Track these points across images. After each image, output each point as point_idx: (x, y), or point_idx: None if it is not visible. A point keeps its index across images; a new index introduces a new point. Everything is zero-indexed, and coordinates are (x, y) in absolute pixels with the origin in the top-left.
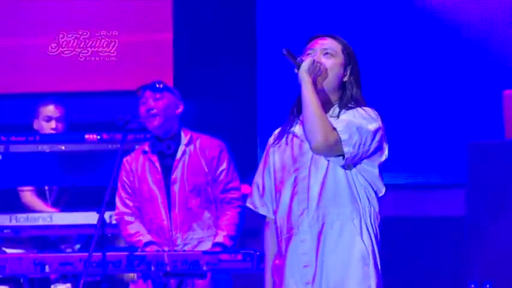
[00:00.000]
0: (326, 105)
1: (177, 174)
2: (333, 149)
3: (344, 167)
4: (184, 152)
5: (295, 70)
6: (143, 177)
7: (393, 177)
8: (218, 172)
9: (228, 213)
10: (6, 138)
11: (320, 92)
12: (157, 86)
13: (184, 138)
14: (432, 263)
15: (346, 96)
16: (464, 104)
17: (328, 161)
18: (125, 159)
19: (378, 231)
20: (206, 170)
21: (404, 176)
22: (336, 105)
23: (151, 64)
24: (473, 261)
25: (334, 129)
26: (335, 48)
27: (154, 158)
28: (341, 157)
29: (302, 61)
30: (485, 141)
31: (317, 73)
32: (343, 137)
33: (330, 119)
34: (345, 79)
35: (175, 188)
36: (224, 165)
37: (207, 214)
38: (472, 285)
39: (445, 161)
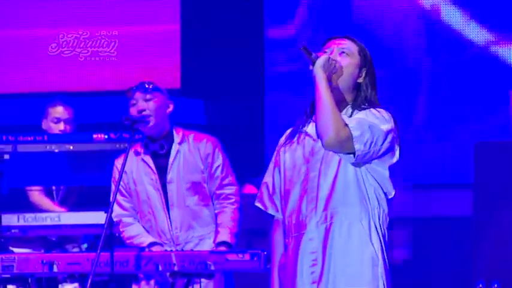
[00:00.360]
0: (339, 105)
1: (172, 173)
2: (344, 145)
3: (355, 165)
4: (178, 151)
5: (310, 67)
6: (138, 178)
7: (400, 177)
8: (214, 168)
9: (226, 210)
10: (14, 138)
11: (334, 90)
12: (147, 86)
13: (176, 137)
14: (440, 263)
15: (361, 97)
16: (471, 103)
17: (339, 161)
18: (116, 162)
19: (386, 232)
20: (202, 167)
21: (412, 176)
22: (349, 106)
23: (158, 64)
24: (481, 261)
25: (346, 125)
26: (351, 49)
27: (148, 159)
28: (351, 155)
29: (317, 57)
30: (491, 141)
31: (332, 70)
32: (355, 133)
33: (342, 116)
34: (360, 80)
35: (172, 187)
36: (219, 161)
37: (205, 211)
38: (480, 285)
39: (452, 161)
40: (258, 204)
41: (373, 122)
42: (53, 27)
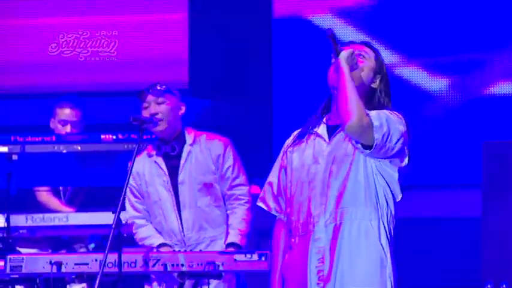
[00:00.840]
0: None
1: (184, 175)
2: (365, 131)
3: (365, 164)
4: (189, 152)
5: (332, 60)
6: (150, 180)
7: (408, 177)
8: (224, 169)
9: (237, 211)
10: (23, 138)
11: None
12: (159, 88)
13: (188, 138)
14: (448, 263)
15: (374, 101)
16: (480, 103)
17: (351, 162)
18: (130, 163)
19: (392, 233)
20: (213, 168)
21: (419, 176)
22: None
23: (165, 64)
24: (489, 261)
25: (368, 115)
26: (369, 54)
27: (160, 160)
28: (367, 150)
29: (342, 50)
30: (500, 141)
31: (353, 66)
32: (375, 123)
33: None
34: (374, 85)
35: (184, 188)
36: (230, 162)
37: (217, 212)
38: (489, 285)
39: (460, 161)
40: (260, 204)
41: (391, 119)
42: (53, 26)
